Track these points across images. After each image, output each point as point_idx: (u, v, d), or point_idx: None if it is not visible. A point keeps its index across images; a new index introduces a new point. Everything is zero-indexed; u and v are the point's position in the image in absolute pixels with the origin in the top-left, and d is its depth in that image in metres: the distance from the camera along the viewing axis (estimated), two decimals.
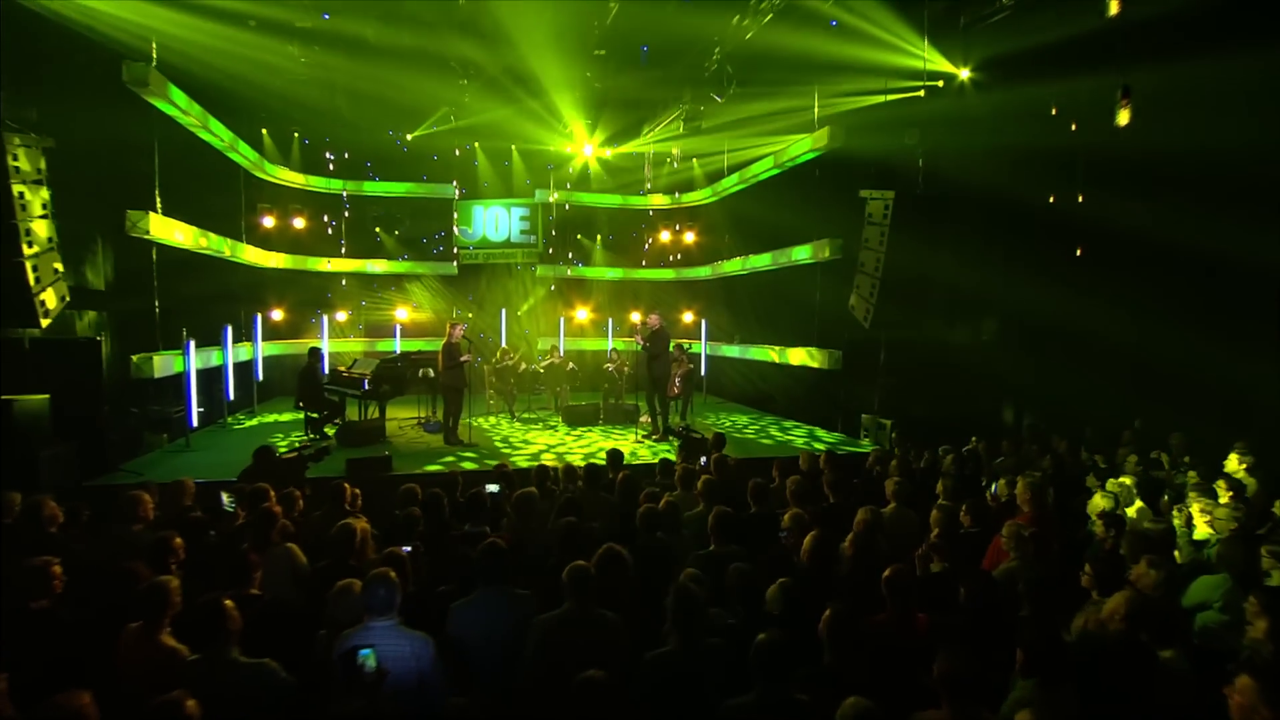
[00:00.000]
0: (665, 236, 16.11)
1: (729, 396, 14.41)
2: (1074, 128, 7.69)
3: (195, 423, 8.96)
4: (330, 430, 9.49)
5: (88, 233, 7.65)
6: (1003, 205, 8.94)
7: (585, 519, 5.05)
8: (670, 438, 8.74)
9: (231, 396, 10.48)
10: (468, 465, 8.19)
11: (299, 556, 4.42)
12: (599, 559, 3.63)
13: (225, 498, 5.02)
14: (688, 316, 15.78)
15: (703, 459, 6.77)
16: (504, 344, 14.07)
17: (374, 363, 9.92)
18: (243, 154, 11.32)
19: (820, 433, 10.68)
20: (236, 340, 11.48)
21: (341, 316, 14.66)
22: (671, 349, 11.83)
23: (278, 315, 13.82)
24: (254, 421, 11.02)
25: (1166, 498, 6.56)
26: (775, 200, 12.32)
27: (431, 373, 10.08)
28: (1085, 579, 3.81)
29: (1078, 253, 7.82)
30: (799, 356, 11.29)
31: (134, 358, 7.85)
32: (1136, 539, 4.23)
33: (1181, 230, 7.12)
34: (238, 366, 11.55)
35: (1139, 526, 4.87)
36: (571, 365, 12.25)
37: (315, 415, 9.52)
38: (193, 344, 8.65)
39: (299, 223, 13.97)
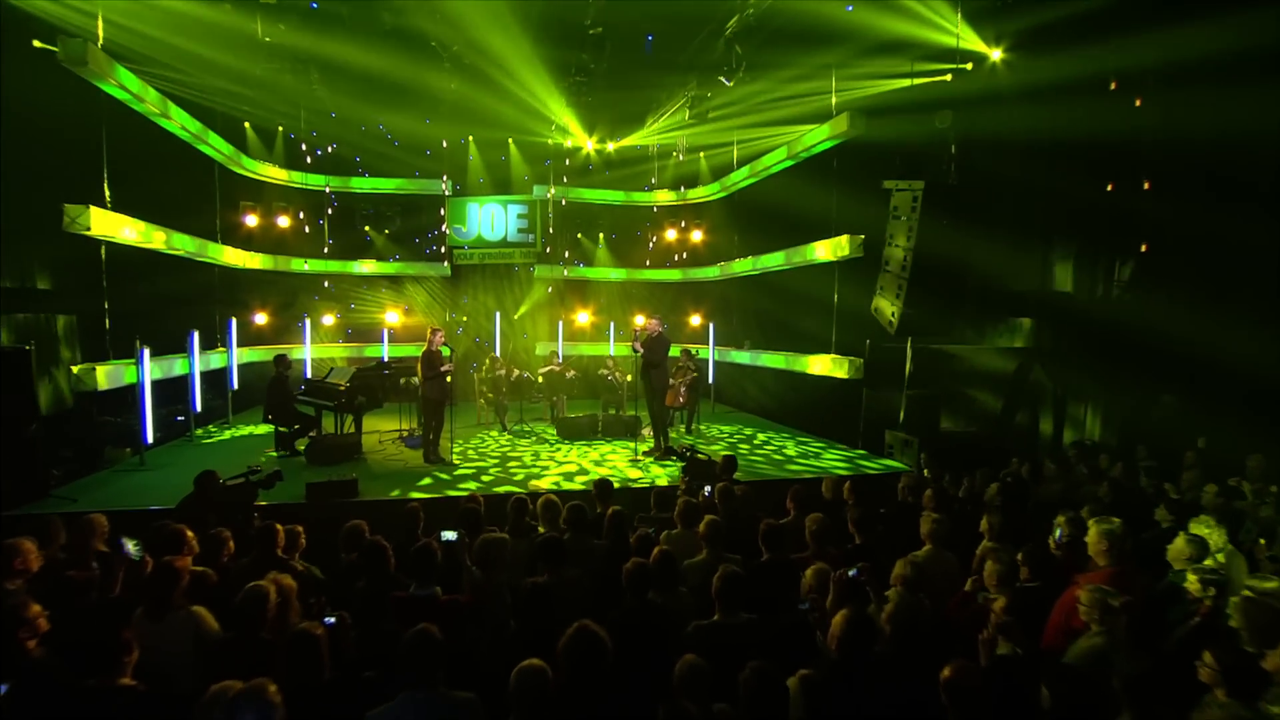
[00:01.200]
0: (671, 235, 15.24)
1: (738, 405, 13.52)
2: (1138, 104, 6.75)
3: (151, 438, 8.17)
4: (302, 445, 8.69)
5: (21, 229, 6.87)
6: (1048, 195, 8.00)
7: (567, 567, 4.21)
8: (672, 457, 7.87)
9: (199, 407, 9.69)
10: (448, 492, 7.34)
11: (208, 623, 3.59)
12: (566, 647, 2.78)
13: (130, 545, 4.19)
14: (695, 319, 14.91)
15: (707, 488, 5.89)
16: (497, 351, 13.27)
17: (350, 371, 9.12)
18: (215, 147, 10.55)
19: (839, 450, 9.76)
20: (209, 347, 10.73)
21: (328, 320, 13.91)
22: (677, 353, 11.02)
23: (262, 319, 13.08)
24: (226, 434, 10.24)
25: (1250, 533, 5.66)
26: (789, 194, 11.41)
27: (416, 381, 9.25)
28: (1205, 672, 2.91)
29: (1143, 249, 6.88)
30: (815, 364, 10.38)
31: (75, 368, 7.07)
32: (1262, 612, 3.31)
33: (1257, 223, 6.19)
34: (210, 375, 10.80)
35: (1255, 587, 3.94)
36: (571, 373, 11.41)
37: (285, 429, 8.73)
38: (147, 352, 7.86)
39: (283, 221, 13.22)
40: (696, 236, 15.02)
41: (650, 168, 15.20)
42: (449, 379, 8.37)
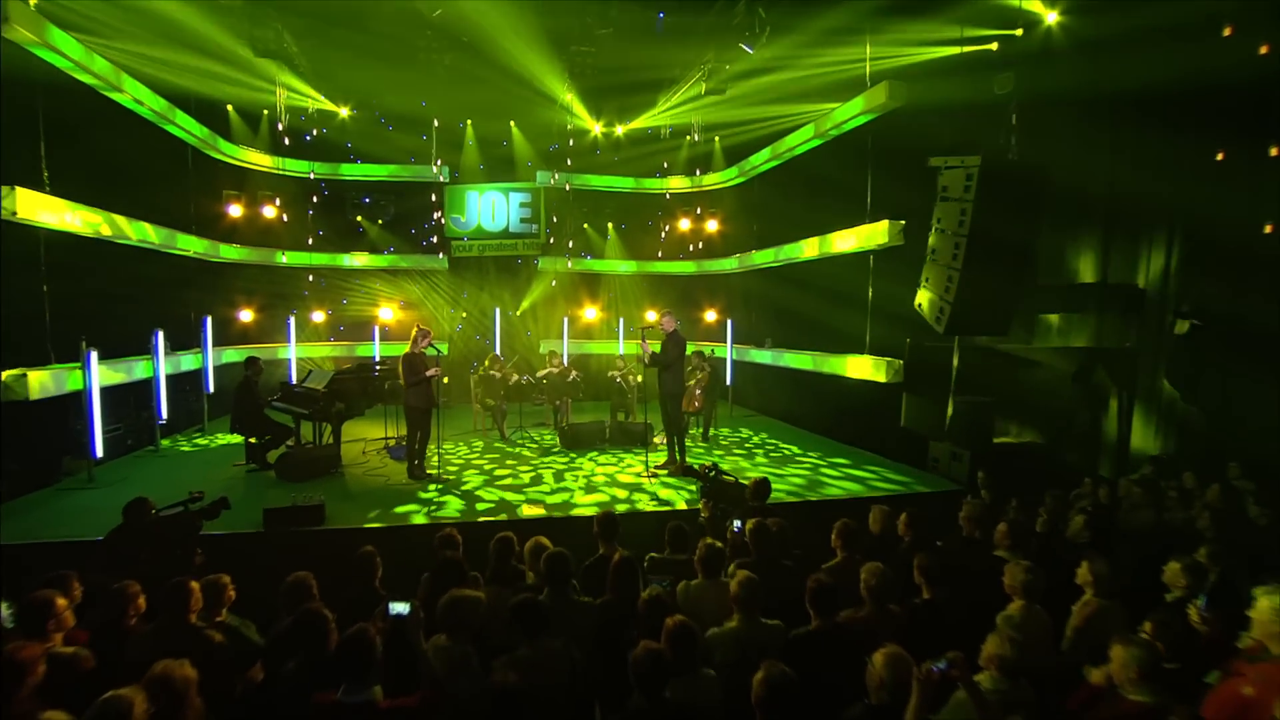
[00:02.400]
0: (684, 224, 14.21)
1: (758, 409, 12.50)
2: (1264, 51, 5.65)
3: (101, 452, 7.29)
4: (275, 457, 7.79)
5: None
6: (1133, 168, 6.92)
7: (548, 636, 3.27)
8: (692, 478, 6.87)
9: (164, 415, 8.81)
10: (417, 519, 6.40)
11: None
12: None
13: (3, 609, 3.28)
14: (710, 315, 13.91)
15: (736, 524, 4.90)
16: (497, 350, 12.33)
17: (328, 374, 8.20)
18: (185, 128, 9.65)
19: (875, 465, 8.72)
20: (182, 346, 9.87)
21: (318, 317, 13.03)
22: (690, 352, 10.04)
23: (247, 316, 12.22)
24: (197, 444, 9.35)
25: None
26: (816, 178, 10.38)
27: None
28: None
29: (1267, 229, 5.79)
30: (849, 366, 9.35)
31: (3, 375, 6.18)
32: None
33: None
34: (183, 377, 9.94)
35: None
36: (575, 374, 10.45)
37: (255, 441, 7.83)
38: (94, 355, 6.98)
39: (269, 211, 12.33)
40: (711, 226, 13.99)
41: (661, 152, 14.17)
42: (445, 379, 7.43)
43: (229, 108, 11.80)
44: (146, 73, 8.60)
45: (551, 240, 13.93)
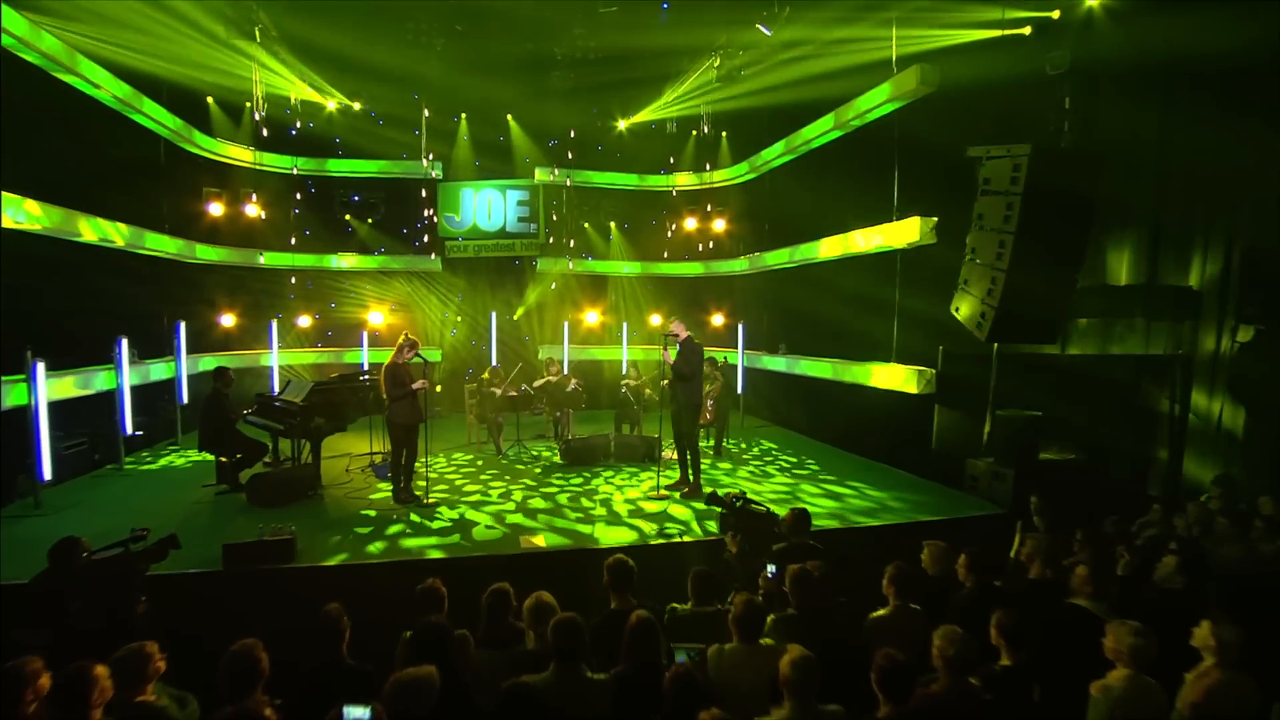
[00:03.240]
0: (691, 223, 13.50)
1: (769, 419, 11.79)
2: None
3: (49, 474, 6.56)
4: (248, 478, 7.06)
5: None
6: (1213, 154, 6.23)
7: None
8: (715, 506, 6.10)
9: (129, 429, 8.08)
10: (404, 544, 5.68)
11: None
12: None
13: None
14: (716, 319, 13.22)
15: (770, 568, 4.19)
16: (494, 358, 11.63)
17: (307, 385, 7.48)
18: (154, 118, 8.93)
19: (903, 484, 8.02)
20: (153, 354, 9.15)
21: (304, 322, 12.30)
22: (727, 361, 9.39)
23: (229, 321, 11.49)
24: (164, 461, 8.61)
25: None
26: (836, 172, 9.70)
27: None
28: None
29: None
30: (877, 375, 8.65)
31: None
32: None
33: None
34: (159, 387, 9.22)
35: None
36: (576, 383, 9.73)
37: (226, 460, 7.10)
38: (41, 366, 6.25)
39: (251, 209, 11.60)
40: (720, 225, 13.28)
41: (666, 147, 13.48)
42: (438, 388, 6.71)
43: (209, 99, 11.10)
44: (110, 57, 7.89)
45: (551, 240, 13.22)
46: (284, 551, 5.13)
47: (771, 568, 4.21)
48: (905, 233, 7.97)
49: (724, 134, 13.15)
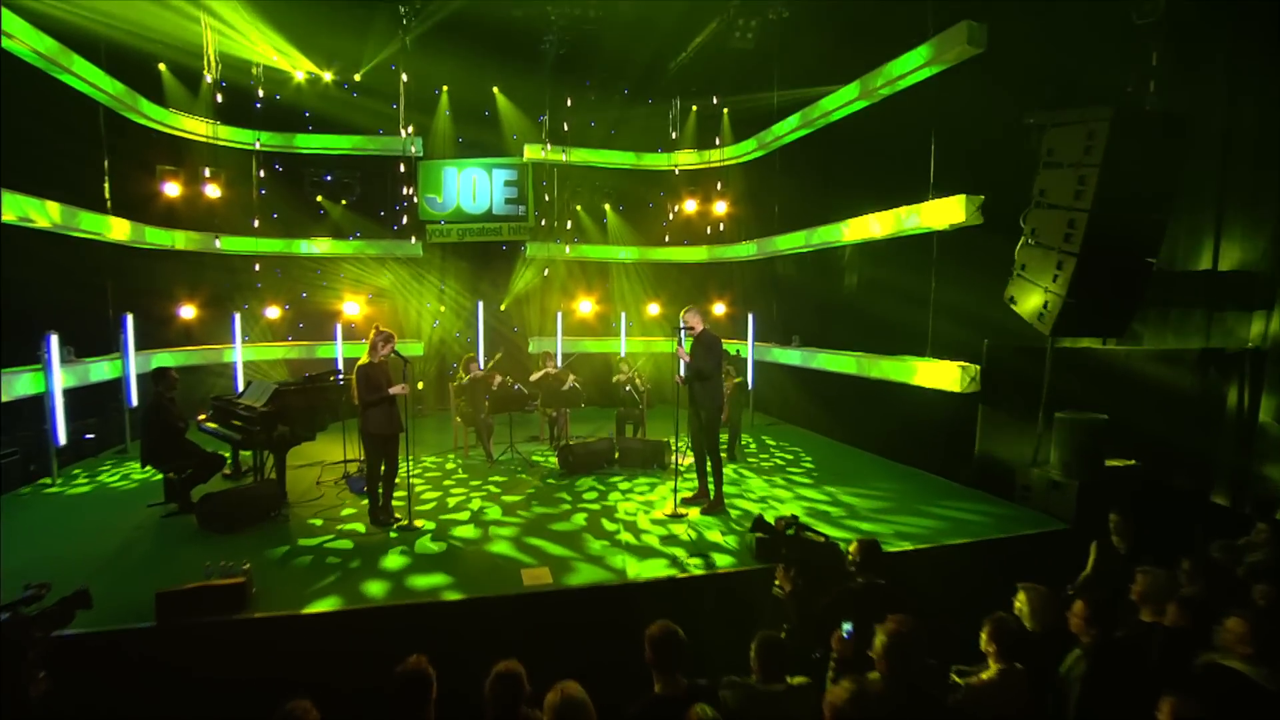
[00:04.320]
0: (693, 205, 12.57)
1: (782, 417, 10.97)
2: None
3: None
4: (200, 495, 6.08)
5: None
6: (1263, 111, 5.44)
7: None
8: (759, 534, 5.18)
9: (61, 439, 7.05)
10: (381, 586, 4.78)
11: None
12: None
13: None
14: (718, 308, 12.35)
15: (847, 627, 3.35)
16: (481, 354, 10.68)
17: (270, 387, 6.50)
18: (88, 80, 7.81)
19: (946, 496, 7.25)
20: (96, 351, 8.11)
21: (273, 313, 11.24)
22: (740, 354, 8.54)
23: (188, 313, 10.42)
24: (103, 477, 7.55)
25: None
26: (859, 147, 8.83)
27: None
28: None
29: None
30: (903, 370, 7.84)
31: None
32: None
33: None
34: (108, 387, 8.18)
35: None
36: (573, 380, 8.82)
37: (174, 476, 6.12)
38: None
39: (211, 189, 10.49)
40: (724, 208, 12.37)
41: (665, 125, 12.54)
42: (419, 384, 5.77)
43: (160, 66, 9.96)
44: (32, 6, 6.79)
45: (543, 222, 12.24)
46: (235, 598, 4.20)
47: (848, 626, 3.37)
48: (946, 212, 7.13)
49: (725, 110, 12.24)
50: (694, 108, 12.40)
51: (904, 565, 5.33)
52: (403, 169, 11.47)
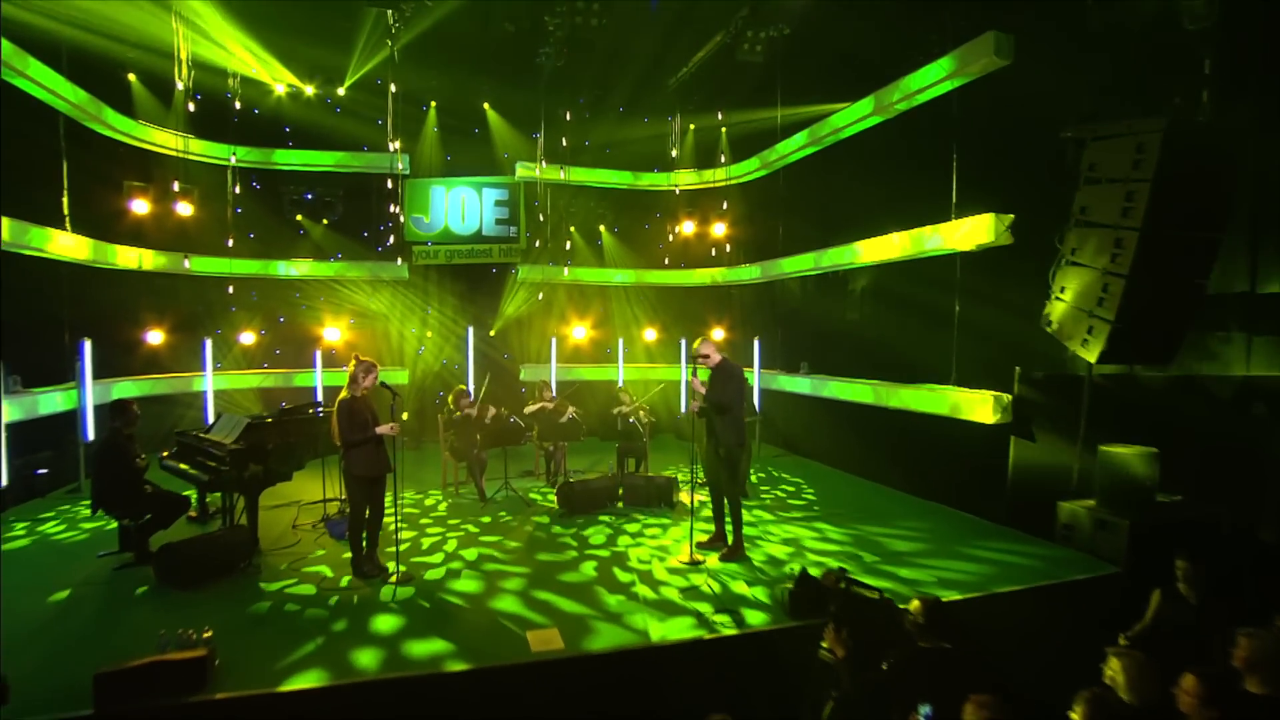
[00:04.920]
0: (689, 227, 12.20)
1: (787, 447, 10.50)
2: None
3: None
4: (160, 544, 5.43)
5: None
6: None
7: None
8: (784, 589, 4.63)
9: (5, 478, 6.36)
10: (369, 655, 4.20)
11: None
12: None
13: None
14: (717, 334, 11.92)
15: (924, 712, 2.85)
16: (470, 384, 10.12)
17: (242, 422, 5.91)
18: (45, 85, 7.26)
19: (977, 535, 6.81)
20: (50, 381, 7.45)
21: (247, 339, 10.60)
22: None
23: (156, 338, 9.77)
24: (49, 526, 6.85)
25: None
26: (872, 165, 8.52)
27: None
28: None
29: None
30: (926, 400, 7.42)
31: None
32: None
33: None
34: (52, 421, 7.50)
35: None
36: (572, 412, 8.30)
37: (129, 522, 5.48)
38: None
39: (183, 207, 9.90)
40: (723, 230, 12.00)
41: (661, 143, 12.22)
42: (404, 414, 5.20)
43: (130, 76, 9.45)
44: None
45: (536, 244, 11.76)
46: (193, 675, 3.59)
47: (926, 710, 2.87)
48: (972, 232, 6.78)
49: (724, 130, 11.95)
50: (691, 126, 12.11)
51: (959, 618, 4.86)
52: (390, 185, 10.97)
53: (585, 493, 7.25)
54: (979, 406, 6.73)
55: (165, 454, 6.36)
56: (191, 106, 9.26)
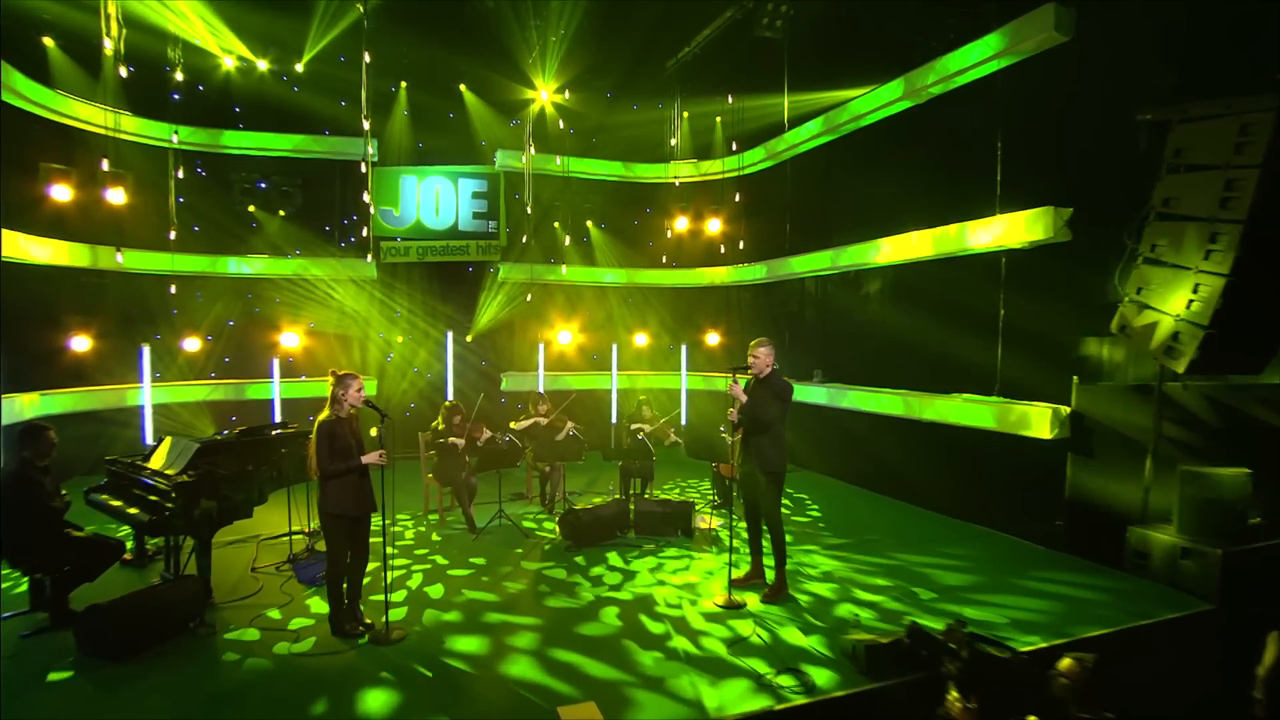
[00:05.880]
0: (685, 223, 11.53)
1: (803, 462, 9.88)
2: None
3: None
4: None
5: None
6: None
7: None
8: (854, 640, 3.95)
9: None
10: None
11: None
12: None
13: None
14: (711, 338, 11.33)
15: None
16: (449, 390, 9.28)
17: (191, 447, 5.01)
18: None
19: (1037, 565, 6.29)
20: None
21: (192, 345, 9.52)
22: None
23: (83, 344, 8.64)
24: None
25: None
26: (899, 154, 7.98)
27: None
28: None
29: None
30: (968, 413, 6.87)
31: None
32: None
33: None
34: None
35: None
36: (571, 428, 7.55)
37: (42, 577, 4.52)
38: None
39: (114, 194, 8.80)
40: (721, 226, 11.36)
41: (654, 132, 11.55)
42: (375, 432, 4.36)
43: (46, 40, 8.36)
44: None
45: (524, 239, 10.92)
46: None
47: None
48: (1023, 228, 6.25)
49: (719, 119, 11.35)
50: (684, 114, 11.47)
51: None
52: (363, 169, 9.98)
53: (592, 522, 6.49)
54: (1034, 420, 6.20)
55: (90, 491, 5.40)
56: (124, 72, 8.18)
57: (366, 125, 9.02)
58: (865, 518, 7.43)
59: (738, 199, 11.03)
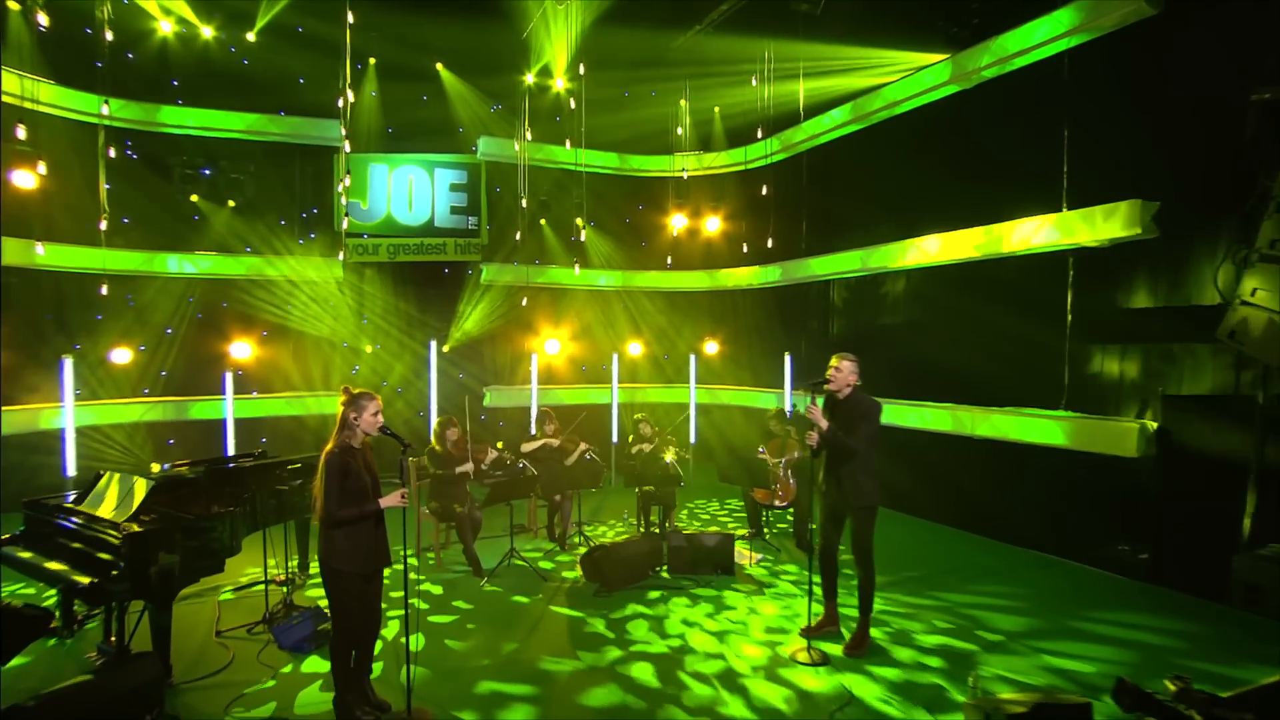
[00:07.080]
0: (683, 222, 10.91)
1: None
2: None
3: None
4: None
5: None
6: None
7: None
8: (1002, 711, 3.31)
9: None
10: None
11: None
12: None
13: None
14: (711, 348, 10.74)
15: None
16: (433, 409, 8.40)
17: (138, 486, 4.08)
18: None
19: (1128, 602, 5.83)
20: None
21: (122, 356, 8.36)
22: (797, 411, 6.91)
23: None
24: None
25: None
26: (941, 144, 7.51)
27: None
28: None
29: None
30: (1034, 429, 6.40)
31: None
32: None
33: None
34: None
35: None
36: (586, 449, 6.80)
37: None
38: None
39: (24, 177, 7.59)
40: (722, 224, 10.78)
41: (650, 122, 10.92)
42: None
43: None
44: None
45: (518, 238, 10.06)
46: None
47: None
48: (1099, 224, 5.82)
49: (716, 109, 10.80)
50: (681, 102, 10.87)
51: None
52: (325, 171, 9.00)
53: (619, 562, 5.74)
54: (1117, 437, 5.75)
55: (5, 538, 4.39)
56: (42, 21, 7.06)
57: (350, 97, 7.65)
58: (907, 543, 6.88)
59: (744, 195, 10.45)
